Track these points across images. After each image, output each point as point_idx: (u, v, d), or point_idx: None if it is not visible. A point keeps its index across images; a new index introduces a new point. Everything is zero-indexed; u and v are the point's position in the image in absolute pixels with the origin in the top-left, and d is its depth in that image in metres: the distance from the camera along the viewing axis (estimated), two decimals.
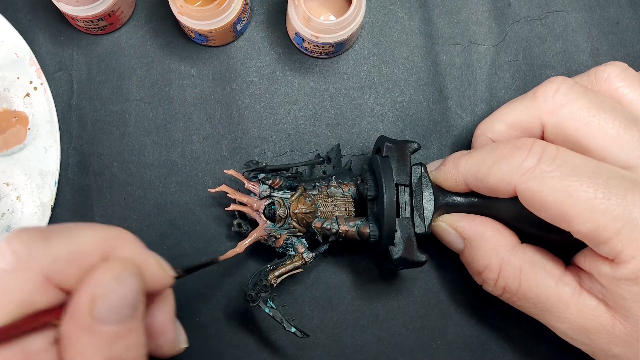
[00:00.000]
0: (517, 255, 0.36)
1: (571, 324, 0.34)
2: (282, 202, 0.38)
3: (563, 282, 0.35)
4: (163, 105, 0.45)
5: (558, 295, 0.34)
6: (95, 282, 0.27)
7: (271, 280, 0.38)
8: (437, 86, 0.45)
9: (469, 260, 0.38)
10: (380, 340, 0.42)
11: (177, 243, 0.43)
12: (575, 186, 0.32)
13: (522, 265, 0.36)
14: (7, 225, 0.42)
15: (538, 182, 0.33)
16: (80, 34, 0.45)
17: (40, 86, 0.43)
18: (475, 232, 0.38)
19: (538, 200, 0.33)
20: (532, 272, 0.35)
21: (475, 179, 0.36)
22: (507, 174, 0.34)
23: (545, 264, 0.36)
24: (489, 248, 0.37)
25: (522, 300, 0.36)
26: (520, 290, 0.36)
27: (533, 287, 0.35)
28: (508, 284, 0.36)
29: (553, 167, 0.32)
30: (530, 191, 0.33)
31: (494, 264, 0.36)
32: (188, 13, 0.41)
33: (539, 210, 0.33)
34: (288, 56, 0.45)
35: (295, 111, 0.45)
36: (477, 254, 0.37)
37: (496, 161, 0.35)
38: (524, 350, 0.42)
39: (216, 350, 0.42)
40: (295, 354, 0.42)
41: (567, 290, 0.34)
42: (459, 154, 0.38)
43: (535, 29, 0.46)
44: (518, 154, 0.34)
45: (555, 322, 0.35)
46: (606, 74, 0.37)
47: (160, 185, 0.44)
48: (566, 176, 0.32)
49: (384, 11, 0.46)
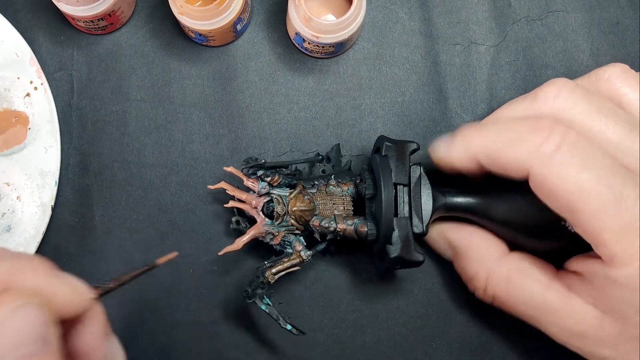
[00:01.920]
0: (504, 264, 0.37)
1: (561, 328, 0.35)
2: (280, 200, 0.39)
3: (551, 288, 0.35)
4: (163, 105, 0.45)
5: (546, 301, 0.35)
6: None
7: (268, 277, 0.38)
8: (437, 86, 0.45)
9: (458, 269, 0.39)
10: (380, 340, 0.42)
11: (177, 243, 0.43)
12: (591, 181, 0.31)
13: (510, 274, 0.36)
14: (8, 225, 0.42)
15: (555, 170, 0.32)
16: (81, 34, 0.45)
17: (41, 86, 0.43)
18: (464, 242, 0.38)
19: (550, 188, 0.32)
20: (519, 280, 0.36)
21: (488, 156, 0.35)
22: (523, 155, 0.33)
23: (532, 272, 0.36)
24: (477, 258, 0.37)
25: (512, 307, 0.37)
26: (509, 299, 0.36)
27: (521, 294, 0.36)
28: (497, 293, 0.37)
29: (571, 156, 0.31)
30: (545, 177, 0.32)
31: (481, 274, 0.37)
32: (188, 13, 0.41)
33: (548, 198, 0.33)
34: (288, 56, 0.45)
35: (295, 111, 0.45)
36: (466, 263, 0.38)
37: (513, 140, 0.34)
38: (524, 350, 0.42)
39: (216, 350, 0.42)
40: (295, 354, 0.42)
41: (555, 295, 0.34)
42: (470, 128, 0.36)
43: (535, 29, 0.46)
44: (537, 135, 0.33)
45: (546, 326, 0.35)
46: (607, 74, 0.37)
47: (160, 185, 0.44)
48: (584, 169, 0.31)
49: (384, 11, 0.46)
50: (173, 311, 0.42)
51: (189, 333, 0.42)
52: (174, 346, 0.42)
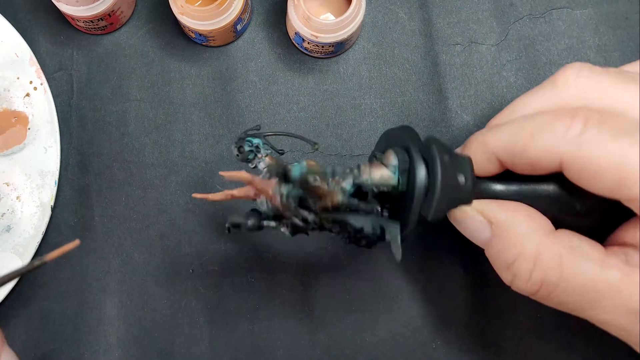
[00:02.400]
0: (555, 240, 0.31)
1: (624, 311, 0.30)
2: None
3: (608, 266, 0.30)
4: (163, 105, 0.45)
5: (606, 281, 0.30)
6: None
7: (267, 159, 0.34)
8: (437, 86, 0.45)
9: (496, 251, 0.33)
10: (380, 340, 0.42)
11: (177, 243, 0.43)
12: (628, 146, 0.29)
13: (563, 251, 0.31)
14: (7, 226, 0.42)
15: (589, 148, 0.29)
16: (80, 34, 0.45)
17: (40, 86, 0.43)
18: (506, 215, 0.33)
19: (591, 168, 0.29)
20: (573, 259, 0.31)
21: (511, 153, 0.32)
22: (551, 144, 0.30)
23: (585, 248, 0.31)
24: (523, 233, 0.32)
25: (564, 294, 0.31)
26: (562, 282, 0.31)
27: (577, 276, 0.30)
28: (547, 276, 0.31)
29: (603, 130, 0.29)
30: (582, 159, 0.30)
31: (529, 251, 0.31)
32: (188, 13, 0.41)
33: (593, 180, 0.30)
34: (288, 56, 0.45)
35: (295, 111, 0.45)
36: (508, 241, 0.32)
37: (536, 131, 0.31)
38: (524, 351, 0.42)
39: (216, 350, 0.42)
40: (295, 354, 0.42)
41: (615, 273, 0.30)
42: (482, 132, 0.34)
43: (538, 26, 0.45)
44: (560, 122, 0.30)
45: (602, 314, 0.31)
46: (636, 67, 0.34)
47: (160, 185, 0.44)
48: (619, 136, 0.29)
49: (384, 11, 0.46)
50: (173, 311, 0.42)
51: (189, 333, 0.42)
52: (174, 346, 0.42)
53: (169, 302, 0.43)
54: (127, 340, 0.42)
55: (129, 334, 0.42)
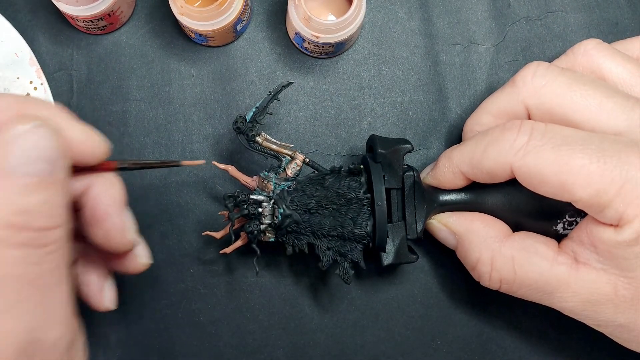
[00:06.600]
0: (507, 245, 0.36)
1: (575, 302, 0.34)
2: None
3: (558, 262, 0.35)
4: (163, 105, 0.45)
5: (556, 276, 0.34)
6: (5, 131, 0.25)
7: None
8: (437, 86, 0.45)
9: (462, 256, 0.39)
10: (380, 340, 0.42)
11: (177, 243, 0.43)
12: (568, 154, 0.32)
13: (514, 253, 0.36)
14: None
15: (533, 157, 0.33)
16: (80, 34, 0.45)
17: (40, 86, 0.43)
18: (465, 227, 0.38)
19: (536, 175, 0.33)
20: (525, 258, 0.35)
21: (471, 166, 0.36)
22: (501, 155, 0.34)
23: (537, 248, 0.35)
24: (479, 242, 0.37)
25: (521, 288, 0.36)
26: (517, 279, 0.36)
27: (529, 273, 0.35)
28: (503, 275, 0.36)
29: (544, 141, 0.33)
30: (527, 167, 0.33)
31: (486, 257, 0.36)
32: (188, 13, 0.41)
33: (539, 185, 0.33)
34: (288, 56, 0.45)
35: (295, 111, 0.45)
36: (469, 248, 0.38)
37: (488, 145, 0.35)
38: (524, 351, 0.42)
39: (216, 350, 0.42)
40: (295, 354, 0.42)
41: (564, 269, 0.34)
42: (450, 149, 0.38)
43: (534, 29, 0.46)
44: (509, 134, 0.34)
45: (559, 303, 0.35)
46: (582, 48, 0.38)
47: (160, 185, 0.44)
48: (558, 146, 0.32)
49: (384, 11, 0.46)
50: (173, 311, 0.42)
51: (189, 333, 0.42)
52: (174, 346, 0.42)
53: (169, 302, 0.43)
54: (127, 340, 0.42)
55: (129, 334, 0.42)
